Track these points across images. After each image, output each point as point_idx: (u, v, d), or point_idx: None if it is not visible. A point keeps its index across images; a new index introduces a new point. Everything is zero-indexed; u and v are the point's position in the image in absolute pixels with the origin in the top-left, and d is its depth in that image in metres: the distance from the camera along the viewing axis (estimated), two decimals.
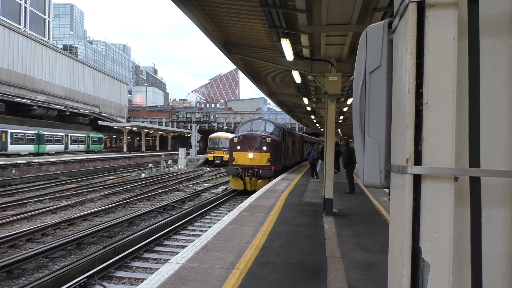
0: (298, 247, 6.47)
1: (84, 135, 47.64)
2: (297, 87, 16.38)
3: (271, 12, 7.56)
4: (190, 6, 8.05)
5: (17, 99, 41.10)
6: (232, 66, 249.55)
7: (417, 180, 1.27)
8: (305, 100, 18.05)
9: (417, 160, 1.27)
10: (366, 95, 1.60)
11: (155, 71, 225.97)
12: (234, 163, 18.22)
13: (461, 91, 1.29)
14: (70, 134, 44.09)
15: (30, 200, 15.63)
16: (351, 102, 17.18)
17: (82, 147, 46.73)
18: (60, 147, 41.68)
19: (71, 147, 44.14)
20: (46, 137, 39.07)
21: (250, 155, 18.04)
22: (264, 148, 18.03)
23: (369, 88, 1.59)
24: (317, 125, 36.70)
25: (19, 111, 42.66)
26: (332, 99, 9.79)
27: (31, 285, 6.36)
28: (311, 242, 6.88)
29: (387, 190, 13.20)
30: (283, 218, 8.88)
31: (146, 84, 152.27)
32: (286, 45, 8.71)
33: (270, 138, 18.22)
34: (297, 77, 12.44)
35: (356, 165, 14.82)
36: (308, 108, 21.87)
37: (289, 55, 9.33)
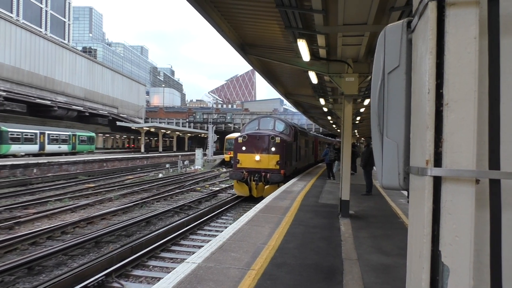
0: (314, 249, 6.43)
1: (67, 133, 41.14)
2: (313, 88, 16.31)
3: (287, 13, 7.54)
4: (207, 7, 8.09)
5: (38, 100, 41.98)
6: (249, 67, 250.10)
7: (437, 182, 1.25)
8: (322, 101, 17.95)
9: (437, 162, 1.25)
10: (384, 95, 1.58)
11: (172, 72, 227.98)
12: (238, 165, 16.24)
13: (482, 92, 1.26)
14: (47, 132, 37.34)
15: (51, 199, 15.94)
16: (369, 103, 17.09)
17: (64, 147, 39.98)
18: (32, 148, 34.67)
19: (50, 147, 37.24)
20: (11, 134, 31.88)
21: (257, 157, 15.99)
22: (273, 149, 15.99)
23: (388, 89, 1.57)
24: (334, 126, 36.48)
25: (40, 112, 43.54)
26: (349, 100, 9.71)
27: (50, 282, 6.47)
28: (327, 243, 6.83)
29: (405, 192, 13.03)
30: (299, 219, 8.84)
31: (163, 85, 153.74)
32: (302, 45, 8.68)
33: (279, 138, 16.12)
34: (313, 77, 12.39)
35: (374, 167, 14.66)
36: (325, 109, 21.75)
37: (305, 55, 9.29)
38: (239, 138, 16.59)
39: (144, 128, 51.71)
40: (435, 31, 1.25)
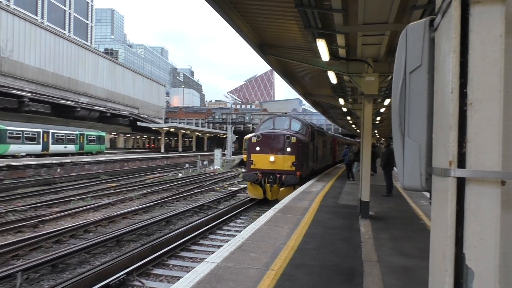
0: (333, 250, 6.38)
1: (74, 132, 38.95)
2: (332, 88, 16.20)
3: (306, 13, 7.51)
4: (226, 8, 8.13)
5: (62, 101, 42.94)
6: (267, 68, 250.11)
7: (461, 183, 1.22)
8: (341, 101, 17.79)
9: (461, 163, 1.22)
10: (406, 95, 1.56)
11: (192, 73, 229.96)
12: (252, 167, 15.50)
13: (508, 91, 1.23)
14: (51, 131, 35.19)
15: (74, 198, 16.28)
16: (389, 103, 16.86)
17: (71, 147, 37.90)
18: (35, 148, 32.60)
19: (54, 147, 35.13)
20: (9, 133, 29.85)
21: (271, 157, 15.22)
22: (288, 149, 15.18)
23: (409, 88, 1.55)
24: (353, 126, 36.13)
25: (64, 113, 44.53)
26: (369, 100, 9.60)
27: (74, 279, 6.61)
28: (347, 245, 6.77)
29: (427, 193, 12.81)
30: (318, 220, 8.79)
31: (183, 86, 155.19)
32: (321, 45, 8.63)
33: (295, 138, 15.27)
34: (332, 77, 12.30)
35: (395, 167, 14.45)
36: (344, 109, 21.56)
37: (324, 55, 9.23)
38: (252, 138, 15.81)
39: (164, 128, 52.31)
40: (458, 29, 1.23)
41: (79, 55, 52.32)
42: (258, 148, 15.45)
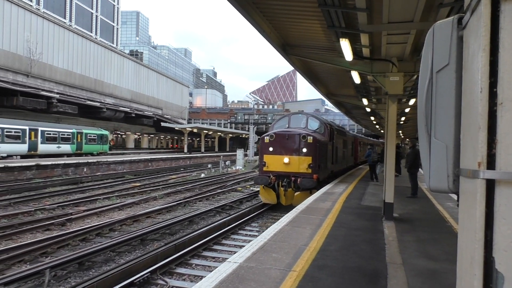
0: (357, 252, 6.31)
1: (70, 130, 34.72)
2: (356, 88, 16.02)
3: (330, 12, 7.46)
4: (249, 8, 8.16)
5: (88, 102, 43.98)
6: (289, 68, 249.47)
7: (490, 185, 1.19)
8: (365, 101, 17.58)
9: (490, 164, 1.19)
10: (432, 95, 1.53)
11: (215, 74, 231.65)
12: (265, 169, 14.40)
13: None
14: (41, 129, 31.28)
15: (99, 197, 16.64)
16: (414, 103, 16.56)
17: (66, 148, 33.75)
18: (19, 148, 28.95)
19: (44, 147, 31.23)
20: None
21: (286, 159, 14.11)
22: (304, 150, 14.01)
23: (436, 88, 1.52)
24: (377, 126, 35.63)
25: (90, 113, 45.62)
26: (393, 100, 9.45)
27: (100, 277, 6.76)
28: (370, 247, 6.68)
29: (454, 195, 12.51)
30: (341, 221, 8.71)
31: (206, 87, 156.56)
32: (345, 45, 8.55)
33: (311, 137, 14.06)
34: (356, 77, 12.17)
35: (420, 169, 14.17)
36: (368, 109, 21.29)
37: (348, 55, 9.14)
38: (265, 137, 14.65)
39: (187, 128, 52.89)
40: (488, 27, 1.20)
41: (105, 57, 53.50)
42: (271, 149, 14.38)
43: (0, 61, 35.80)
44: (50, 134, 32.12)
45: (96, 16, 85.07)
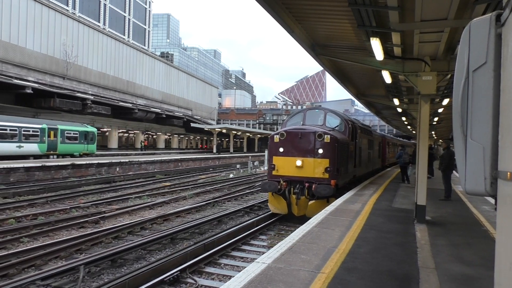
0: (387, 255, 6.18)
1: (39, 126, 28.03)
2: (386, 88, 15.73)
3: (360, 11, 7.36)
4: (278, 9, 8.16)
5: (121, 103, 45.14)
6: (316, 68, 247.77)
7: None
8: (396, 101, 17.23)
9: None
10: (469, 94, 1.48)
11: (243, 75, 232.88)
12: (274, 173, 12.40)
13: None
14: None
15: (131, 196, 17.03)
16: (448, 103, 16.10)
17: (31, 147, 27.49)
18: None
19: None
20: None
21: (298, 161, 12.05)
22: (320, 151, 11.91)
23: (473, 87, 1.47)
24: (409, 127, 34.86)
25: (123, 114, 46.83)
26: (426, 100, 9.21)
27: (131, 274, 6.91)
28: (401, 250, 6.54)
29: (491, 198, 12.08)
30: (370, 223, 8.56)
31: (234, 88, 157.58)
32: (375, 44, 8.41)
33: (329, 136, 11.94)
34: (387, 77, 11.95)
35: (455, 171, 13.76)
36: (399, 110, 20.86)
37: (378, 54, 8.99)
38: (275, 136, 12.66)
39: (216, 129, 53.38)
40: None
41: (137, 59, 54.79)
42: (281, 149, 12.37)
43: (39, 64, 37.30)
44: (6, 130, 25.55)
45: (129, 19, 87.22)
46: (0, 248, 9.04)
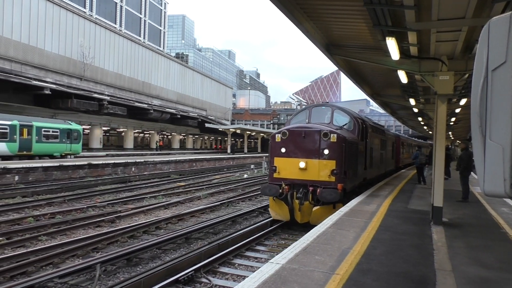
0: (403, 257, 6.11)
1: (7, 122, 24.89)
2: (402, 88, 15.55)
3: (375, 11, 7.29)
4: (292, 8, 8.14)
5: (136, 104, 45.63)
6: (330, 69, 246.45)
7: None
8: (412, 101, 17.02)
9: None
10: (487, 94, 1.45)
11: (258, 75, 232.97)
12: (275, 175, 11.42)
13: None
14: None
15: (146, 196, 17.20)
16: (465, 103, 15.85)
17: None
18: None
19: None
20: None
21: (302, 163, 11.00)
22: (326, 151, 10.87)
23: (492, 87, 1.44)
24: (425, 127, 34.39)
25: (138, 115, 47.33)
26: (443, 100, 9.07)
27: (146, 273, 6.98)
28: (417, 252, 6.45)
29: (511, 200, 11.86)
30: (386, 224, 8.47)
31: (249, 88, 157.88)
32: (391, 44, 8.33)
33: (336, 135, 10.91)
34: (403, 77, 11.81)
35: (473, 172, 13.52)
36: (415, 110, 20.61)
37: (394, 54, 8.90)
38: (276, 135, 11.67)
39: (231, 129, 53.56)
40: None
41: (153, 60, 55.33)
42: (283, 150, 11.36)
43: (57, 66, 37.97)
44: None
45: (145, 20, 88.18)
46: (19, 246, 9.23)
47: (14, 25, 33.25)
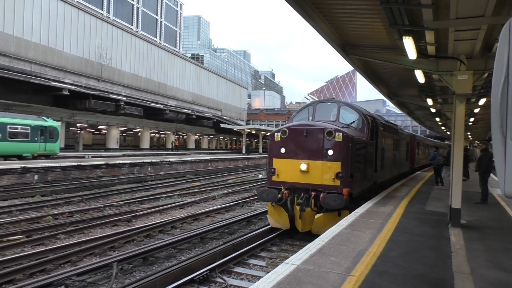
0: (420, 259, 6.02)
1: None
2: (419, 88, 15.34)
3: (392, 10, 7.22)
4: (308, 8, 8.12)
5: (152, 104, 46.08)
6: (346, 69, 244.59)
7: None
8: (429, 101, 16.77)
9: None
10: (508, 94, 1.42)
11: (273, 75, 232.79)
12: (274, 178, 10.42)
13: None
14: None
15: (162, 196, 17.34)
16: (485, 103, 15.55)
17: None
18: None
19: None
20: None
21: (303, 165, 9.95)
22: (330, 152, 9.77)
23: None
24: (443, 128, 33.86)
25: (154, 115, 47.78)
26: (461, 100, 8.92)
27: (162, 272, 7.04)
28: (435, 254, 6.36)
29: None
30: (402, 226, 8.37)
31: (264, 88, 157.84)
32: (408, 43, 8.23)
33: (341, 134, 9.78)
34: (420, 77, 11.66)
35: (492, 173, 13.25)
36: (433, 110, 20.32)
37: (411, 53, 8.78)
38: (275, 133, 10.63)
39: (246, 130, 53.66)
40: None
41: (169, 61, 55.83)
42: (283, 150, 10.34)
43: (75, 67, 38.63)
44: None
45: (161, 22, 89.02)
46: (39, 244, 9.42)
47: (34, 28, 33.96)
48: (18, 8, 32.51)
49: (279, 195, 10.00)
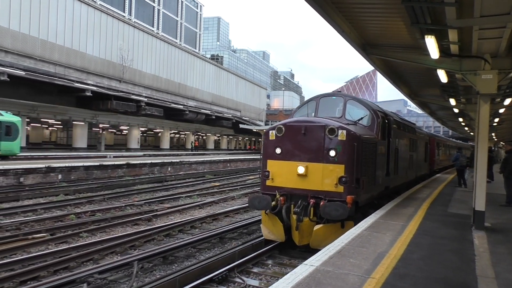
0: (442, 262, 5.91)
1: None
2: (442, 87, 15.05)
3: (414, 8, 7.11)
4: (328, 8, 8.07)
5: (173, 105, 46.55)
6: (364, 69, 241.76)
7: None
8: (452, 102, 16.43)
9: None
10: None
11: (292, 76, 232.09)
12: (268, 183, 9.10)
13: None
14: None
15: (182, 195, 17.51)
16: (510, 103, 15.12)
17: None
18: None
19: None
20: None
21: (301, 167, 8.50)
22: (332, 153, 8.35)
23: None
24: (466, 128, 33.14)
25: (174, 116, 48.28)
26: (486, 100, 8.70)
27: (181, 271, 7.11)
28: (458, 257, 6.22)
29: None
30: (424, 228, 8.22)
31: (283, 89, 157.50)
32: (430, 42, 8.08)
33: (345, 132, 8.36)
34: (442, 76, 11.44)
35: None
36: (456, 110, 19.90)
37: (433, 53, 8.62)
38: (270, 131, 9.32)
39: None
40: None
41: (189, 62, 56.33)
42: (278, 151, 8.94)
43: (97, 68, 39.39)
44: None
45: (181, 23, 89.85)
46: (62, 242, 9.64)
47: (58, 30, 34.78)
48: (43, 12, 33.35)
49: (274, 203, 8.64)
